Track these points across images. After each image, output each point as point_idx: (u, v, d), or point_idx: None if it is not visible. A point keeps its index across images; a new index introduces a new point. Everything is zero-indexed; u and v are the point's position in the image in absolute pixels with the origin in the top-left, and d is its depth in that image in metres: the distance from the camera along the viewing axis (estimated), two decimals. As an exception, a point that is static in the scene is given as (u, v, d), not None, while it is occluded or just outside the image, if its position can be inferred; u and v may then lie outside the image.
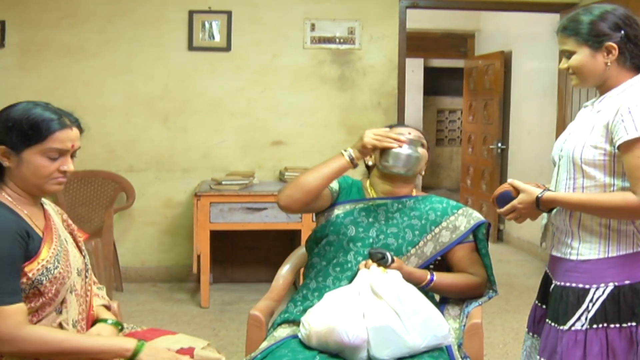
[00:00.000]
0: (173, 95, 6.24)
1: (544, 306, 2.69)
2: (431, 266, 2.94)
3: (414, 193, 3.00)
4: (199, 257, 5.49)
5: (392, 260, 2.67)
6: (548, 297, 2.64)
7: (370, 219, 2.89)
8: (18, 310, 2.06)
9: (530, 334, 2.75)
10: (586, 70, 2.43)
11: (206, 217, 5.46)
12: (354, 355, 2.48)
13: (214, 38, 6.21)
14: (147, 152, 6.19)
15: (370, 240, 2.84)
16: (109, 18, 6.13)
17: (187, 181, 6.27)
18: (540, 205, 2.43)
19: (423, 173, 2.98)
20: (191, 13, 6.17)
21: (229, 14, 6.19)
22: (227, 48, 6.22)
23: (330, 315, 2.51)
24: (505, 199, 2.51)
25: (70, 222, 2.46)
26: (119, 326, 2.49)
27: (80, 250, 2.43)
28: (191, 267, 5.79)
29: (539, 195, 2.41)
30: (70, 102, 5.90)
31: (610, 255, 2.39)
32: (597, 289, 2.39)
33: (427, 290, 2.78)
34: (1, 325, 2.02)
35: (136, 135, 6.16)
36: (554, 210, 2.50)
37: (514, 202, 2.48)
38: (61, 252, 2.23)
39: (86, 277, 2.42)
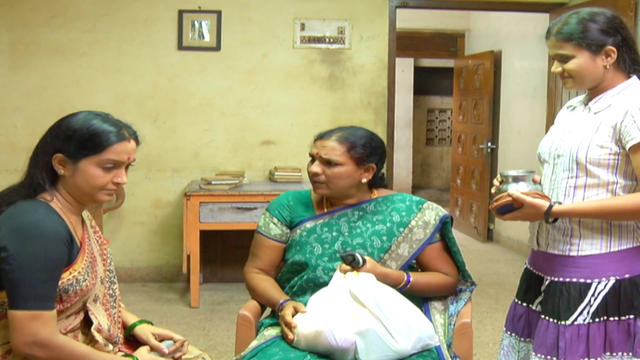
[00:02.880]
0: (163, 94, 6.23)
1: (524, 304, 2.71)
2: None
3: (375, 195, 2.94)
4: (188, 257, 5.48)
5: (364, 261, 2.64)
6: (532, 295, 2.68)
7: (334, 233, 2.85)
8: (54, 316, 2.11)
9: (509, 332, 2.76)
10: (586, 74, 2.45)
11: (196, 216, 5.45)
12: (343, 357, 2.48)
13: (203, 37, 6.20)
14: (136, 151, 6.15)
15: (337, 254, 2.79)
16: (98, 17, 6.11)
17: (177, 181, 6.27)
18: (549, 218, 2.43)
19: (365, 180, 2.84)
20: (181, 12, 6.16)
21: (218, 13, 6.19)
22: (217, 47, 6.22)
23: (316, 319, 2.51)
24: (506, 209, 2.48)
25: (97, 228, 2.48)
26: (149, 323, 2.61)
27: (104, 257, 2.45)
28: (181, 267, 5.77)
29: (548, 210, 2.40)
30: (59, 102, 5.93)
31: (611, 250, 2.43)
32: (598, 283, 2.43)
33: (405, 291, 2.74)
34: (42, 329, 2.06)
35: (126, 134, 6.13)
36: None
37: (517, 213, 2.46)
38: (90, 265, 2.27)
39: (112, 282, 2.47)
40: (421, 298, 2.90)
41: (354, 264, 2.62)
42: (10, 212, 2.13)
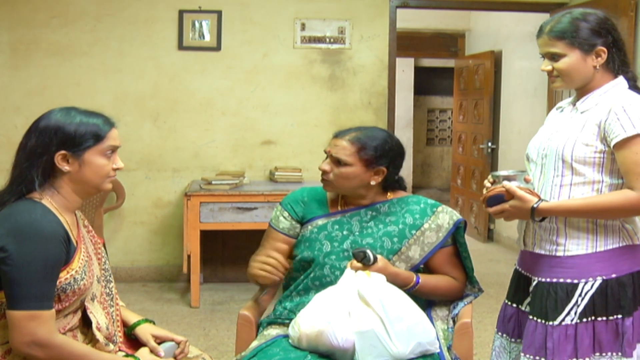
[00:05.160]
0: (163, 94, 6.23)
1: (514, 305, 2.74)
2: None
3: (390, 196, 2.92)
4: (189, 256, 5.48)
5: (375, 258, 2.63)
6: (521, 295, 2.70)
7: (345, 232, 2.85)
8: (52, 316, 2.12)
9: (500, 333, 2.78)
10: (575, 73, 2.48)
11: (196, 216, 5.45)
12: (344, 357, 2.48)
13: (204, 37, 6.20)
14: (137, 151, 6.18)
15: (345, 253, 2.79)
16: (99, 17, 6.12)
17: (177, 181, 6.27)
18: (535, 215, 2.44)
19: (374, 183, 2.81)
20: (181, 12, 6.16)
21: (219, 13, 6.19)
22: (217, 47, 6.22)
23: (319, 318, 2.50)
24: (497, 200, 2.50)
25: (90, 227, 2.49)
26: (151, 322, 2.63)
27: (99, 256, 2.46)
28: (181, 266, 5.77)
29: (534, 206, 2.42)
30: (60, 102, 5.87)
31: (598, 250, 2.45)
32: (585, 283, 2.44)
33: (412, 292, 2.74)
34: (41, 329, 2.08)
35: (126, 134, 6.13)
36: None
37: (505, 205, 2.48)
38: (87, 263, 2.28)
39: (108, 281, 2.48)
40: (425, 303, 2.90)
41: (365, 261, 2.62)
42: (7, 212, 2.14)
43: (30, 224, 2.10)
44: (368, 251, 2.63)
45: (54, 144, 2.19)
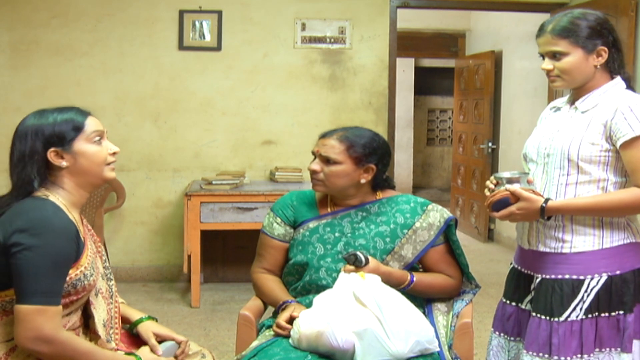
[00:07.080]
0: (164, 94, 6.23)
1: (513, 303, 2.74)
2: None
3: (379, 196, 2.93)
4: (189, 257, 5.48)
5: (366, 260, 2.64)
6: (521, 293, 2.71)
7: (337, 234, 2.86)
8: (59, 312, 2.13)
9: (497, 332, 2.79)
10: (577, 72, 2.50)
11: (197, 216, 5.45)
12: (344, 358, 2.48)
13: (204, 37, 6.20)
14: (137, 151, 6.18)
15: (339, 255, 2.80)
16: (99, 17, 6.12)
17: (178, 181, 6.27)
18: (545, 214, 2.45)
19: (364, 181, 2.82)
20: (182, 12, 6.16)
21: (219, 13, 6.19)
22: (218, 47, 6.22)
23: (318, 319, 2.50)
24: (502, 204, 2.50)
25: (89, 226, 2.50)
26: (154, 319, 2.62)
27: (100, 254, 2.47)
28: (182, 267, 5.78)
29: (544, 205, 2.43)
30: (61, 102, 5.85)
31: (604, 246, 2.48)
32: (591, 279, 2.47)
33: (408, 291, 2.75)
34: (47, 324, 2.08)
35: (127, 134, 6.15)
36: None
37: (512, 208, 2.48)
38: (93, 260, 2.30)
39: (109, 279, 2.49)
40: (424, 300, 2.90)
41: (357, 264, 2.63)
42: (17, 209, 2.15)
43: (42, 219, 2.12)
44: (358, 253, 2.64)
45: (39, 145, 2.22)
